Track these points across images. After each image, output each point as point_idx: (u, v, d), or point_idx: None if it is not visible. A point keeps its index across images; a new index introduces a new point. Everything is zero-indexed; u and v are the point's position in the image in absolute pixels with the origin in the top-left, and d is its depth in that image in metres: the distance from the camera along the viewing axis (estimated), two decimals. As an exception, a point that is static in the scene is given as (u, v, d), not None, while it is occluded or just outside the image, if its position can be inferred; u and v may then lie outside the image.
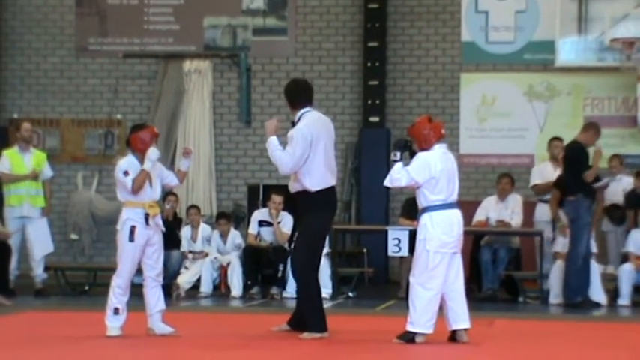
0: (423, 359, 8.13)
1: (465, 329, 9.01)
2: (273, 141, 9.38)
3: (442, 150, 9.24)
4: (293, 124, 9.54)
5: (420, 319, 8.85)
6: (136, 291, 9.57)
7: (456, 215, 9.15)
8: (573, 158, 13.07)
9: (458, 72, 17.11)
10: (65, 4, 17.83)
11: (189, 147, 9.97)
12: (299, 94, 9.64)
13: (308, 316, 9.34)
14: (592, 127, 13.33)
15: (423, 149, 9.21)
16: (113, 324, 9.19)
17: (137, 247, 9.28)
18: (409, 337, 8.87)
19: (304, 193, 9.43)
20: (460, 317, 8.99)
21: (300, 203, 9.55)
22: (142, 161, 9.34)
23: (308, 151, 9.32)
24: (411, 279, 8.97)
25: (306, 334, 9.24)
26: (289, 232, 14.28)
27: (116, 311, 9.19)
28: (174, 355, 8.34)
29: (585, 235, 13.00)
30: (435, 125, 9.25)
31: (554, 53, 15.99)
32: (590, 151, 13.14)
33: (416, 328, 8.86)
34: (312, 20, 17.48)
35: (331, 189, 9.54)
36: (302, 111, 9.55)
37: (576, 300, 12.91)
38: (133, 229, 9.25)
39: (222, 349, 8.66)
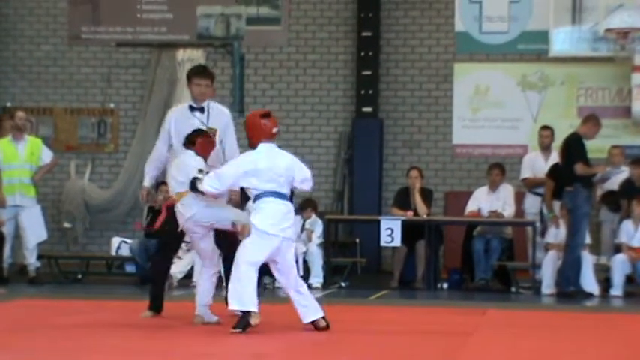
0: (417, 350, 8.13)
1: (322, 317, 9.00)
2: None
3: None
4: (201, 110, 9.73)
5: (248, 297, 8.74)
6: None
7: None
8: (571, 149, 13.09)
9: (451, 62, 17.11)
10: (58, -8, 17.81)
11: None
12: None
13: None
14: (591, 120, 13.34)
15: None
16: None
17: None
18: (245, 323, 8.71)
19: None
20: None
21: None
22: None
23: None
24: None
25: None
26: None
27: None
28: (167, 344, 8.34)
29: (584, 225, 13.05)
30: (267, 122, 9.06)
31: (548, 43, 15.98)
32: (589, 143, 13.20)
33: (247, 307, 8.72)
34: (305, 9, 17.46)
35: None
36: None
37: (568, 289, 12.95)
38: None
39: (216, 336, 8.66)
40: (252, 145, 8.97)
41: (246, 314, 8.73)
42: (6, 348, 7.85)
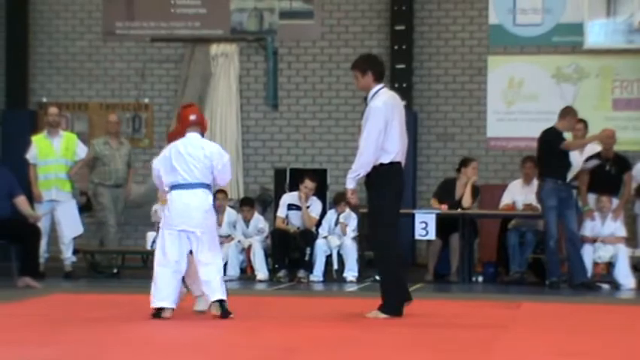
0: (452, 343, 8.13)
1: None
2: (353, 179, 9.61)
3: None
4: (365, 100, 9.79)
5: (160, 293, 9.24)
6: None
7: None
8: (545, 143, 13.17)
9: (485, 55, 17.06)
10: (93, -12, 17.91)
11: None
12: (383, 69, 9.87)
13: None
14: (569, 113, 13.40)
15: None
16: None
17: None
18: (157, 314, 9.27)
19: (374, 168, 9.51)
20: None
21: (370, 178, 9.58)
22: None
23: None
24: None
25: (373, 313, 9.43)
26: (317, 217, 14.33)
27: None
28: (200, 337, 8.39)
29: (550, 218, 13.10)
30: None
31: (583, 35, 15.91)
32: (568, 136, 13.39)
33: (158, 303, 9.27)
34: (338, 3, 17.45)
35: (399, 164, 9.60)
36: (379, 86, 9.72)
37: (551, 280, 13.10)
38: None
39: (250, 329, 8.70)
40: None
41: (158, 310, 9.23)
42: (43, 342, 7.91)
